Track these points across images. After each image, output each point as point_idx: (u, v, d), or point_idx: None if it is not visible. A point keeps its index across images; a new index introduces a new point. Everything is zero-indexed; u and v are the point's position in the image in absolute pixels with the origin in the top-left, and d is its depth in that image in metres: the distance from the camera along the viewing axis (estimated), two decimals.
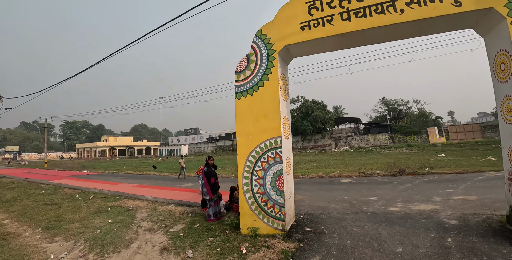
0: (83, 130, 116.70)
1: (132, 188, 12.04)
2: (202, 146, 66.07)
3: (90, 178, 18.41)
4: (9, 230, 6.58)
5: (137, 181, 15.32)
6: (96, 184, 14.13)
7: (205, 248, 4.64)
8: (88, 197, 10.27)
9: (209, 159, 6.65)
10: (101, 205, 8.71)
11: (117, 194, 10.66)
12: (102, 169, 26.85)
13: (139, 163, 36.97)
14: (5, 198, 10.80)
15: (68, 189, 12.74)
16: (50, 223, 6.95)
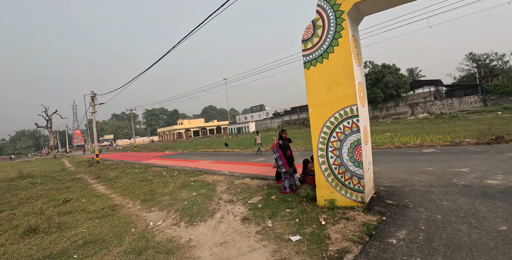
0: (161, 115, 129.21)
1: (209, 164, 13.00)
2: (269, 121, 67.08)
3: (172, 157, 20.50)
4: (116, 202, 7.79)
5: (212, 157, 16.48)
6: (178, 162, 15.68)
7: (284, 218, 4.75)
8: (173, 173, 11.45)
9: (282, 133, 6.63)
10: (185, 180, 9.64)
11: (197, 170, 11.64)
12: (181, 149, 29.63)
13: (212, 141, 39.63)
14: (109, 177, 12.78)
15: (156, 167, 14.43)
16: (146, 196, 7.98)
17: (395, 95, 38.48)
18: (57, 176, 15.85)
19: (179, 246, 4.24)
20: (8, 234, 5.85)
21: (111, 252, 4.32)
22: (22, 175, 17.19)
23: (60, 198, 8.85)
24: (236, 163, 12.67)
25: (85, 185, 11.49)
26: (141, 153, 31.25)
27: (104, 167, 17.84)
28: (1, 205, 8.96)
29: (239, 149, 20.09)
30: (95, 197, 8.64)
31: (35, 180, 14.26)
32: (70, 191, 10.25)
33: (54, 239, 5.27)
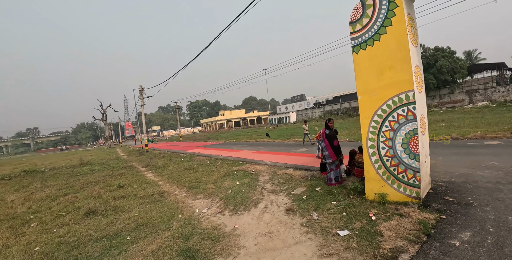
0: (204, 107, 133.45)
1: (251, 154, 13.09)
2: (309, 111, 65.75)
3: (215, 147, 21.06)
4: (164, 189, 8.18)
5: (254, 147, 16.59)
6: (221, 152, 16.04)
7: (330, 211, 4.55)
8: (216, 162, 11.73)
9: (329, 122, 6.33)
10: (228, 169, 9.80)
11: (239, 159, 11.78)
12: (223, 139, 30.34)
13: (253, 132, 39.98)
14: (157, 165, 13.52)
15: (200, 156, 14.93)
16: (192, 184, 8.26)
17: (449, 81, 34.93)
18: (112, 163, 17.22)
19: (224, 234, 4.28)
20: (71, 215, 6.45)
21: (160, 236, 4.52)
22: (82, 162, 19.00)
23: (115, 183, 9.56)
24: (278, 153, 12.57)
25: (136, 172, 12.30)
26: (186, 143, 32.67)
27: (152, 156, 18.95)
28: (66, 189, 9.95)
29: (281, 139, 19.95)
30: (145, 184, 9.17)
31: (93, 167, 15.65)
32: (123, 177, 11.03)
33: (110, 221, 5.68)
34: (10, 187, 12.21)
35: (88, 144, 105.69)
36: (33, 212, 7.27)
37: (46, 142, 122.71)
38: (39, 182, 12.59)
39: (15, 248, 4.79)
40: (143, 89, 24.65)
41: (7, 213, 7.49)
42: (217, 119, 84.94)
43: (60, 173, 15.25)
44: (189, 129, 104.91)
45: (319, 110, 62.45)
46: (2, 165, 33.75)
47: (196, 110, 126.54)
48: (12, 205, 8.48)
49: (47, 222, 6.21)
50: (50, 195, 9.18)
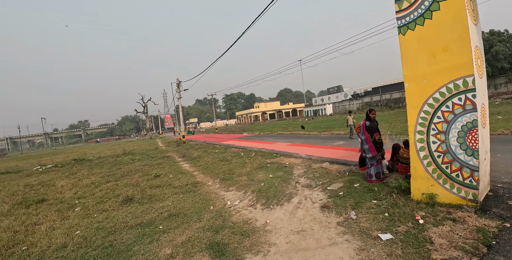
0: (239, 99, 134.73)
1: (285, 147, 12.80)
2: (347, 103, 63.29)
3: (249, 139, 21.06)
4: (198, 179, 8.25)
5: (289, 140, 16.25)
6: (255, 144, 15.94)
7: (370, 211, 4.15)
8: (250, 154, 11.63)
9: (370, 113, 5.78)
10: (261, 161, 9.63)
11: (273, 152, 11.56)
12: (258, 131, 30.33)
13: (288, 124, 39.48)
14: (193, 156, 13.79)
15: (234, 148, 14.95)
16: (225, 175, 8.22)
17: (507, 69, 31.01)
18: (151, 153, 17.97)
19: (255, 229, 4.11)
20: (111, 202, 6.73)
21: (191, 227, 4.48)
22: (125, 152, 20.12)
23: (152, 173, 9.88)
24: (314, 146, 12.13)
25: (172, 162, 12.65)
26: (221, 135, 33.22)
27: (189, 147, 19.46)
28: (109, 176, 10.51)
29: (316, 132, 19.35)
30: (180, 174, 9.35)
31: (134, 157, 16.46)
32: (160, 167, 11.39)
33: (145, 209, 5.80)
34: (62, 174, 13.25)
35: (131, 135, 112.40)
36: (78, 197, 7.73)
37: (95, 133, 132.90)
38: (86, 169, 13.50)
39: (59, 231, 5.07)
40: (180, 83, 25.28)
41: (56, 197, 8.06)
42: (252, 112, 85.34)
43: (105, 161, 16.26)
44: (225, 121, 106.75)
45: (357, 102, 59.79)
46: (57, 153, 37.11)
47: (232, 102, 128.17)
48: (61, 190, 9.13)
49: (89, 207, 6.54)
50: (94, 182, 9.75)
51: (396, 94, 48.35)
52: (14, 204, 7.79)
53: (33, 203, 7.63)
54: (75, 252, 4.11)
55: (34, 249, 4.43)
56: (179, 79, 25.25)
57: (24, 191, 9.72)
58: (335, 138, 14.57)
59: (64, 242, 4.48)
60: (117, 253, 3.88)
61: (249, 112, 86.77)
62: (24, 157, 39.80)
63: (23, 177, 13.91)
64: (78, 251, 4.11)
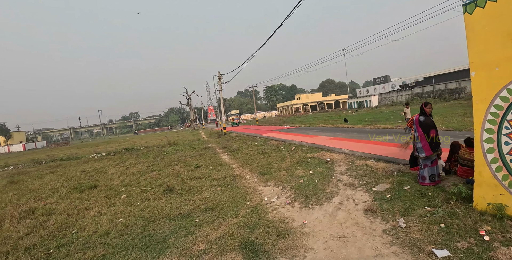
0: (280, 91, 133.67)
1: (327, 141, 12.27)
2: (395, 94, 59.30)
3: (290, 131, 20.70)
4: (236, 172, 8.22)
5: (331, 133, 15.61)
6: (296, 137, 15.57)
7: (422, 219, 3.66)
8: (290, 148, 11.35)
9: (425, 106, 5.11)
10: (301, 156, 9.31)
11: (314, 146, 11.14)
12: (298, 123, 29.75)
13: (330, 116, 38.21)
14: (233, 148, 13.89)
15: (274, 141, 14.76)
16: (263, 169, 8.07)
17: None
18: (194, 144, 18.55)
19: (291, 230, 3.89)
20: (153, 191, 6.98)
21: (226, 222, 4.41)
22: (169, 142, 21.06)
23: (193, 164, 10.11)
24: (358, 140, 11.43)
25: (213, 153, 12.87)
26: (262, 126, 33.23)
27: (229, 139, 19.73)
28: (153, 166, 11.01)
29: (361, 125, 18.33)
30: (220, 166, 9.42)
31: (177, 147, 17.12)
32: (201, 158, 11.64)
33: (184, 200, 5.89)
34: (113, 162, 14.25)
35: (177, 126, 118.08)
36: (125, 185, 8.18)
37: (144, 124, 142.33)
38: (134, 158, 14.35)
39: (105, 217, 5.36)
40: (221, 75, 25.60)
41: (106, 184, 8.62)
42: (293, 103, 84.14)
43: (151, 151, 17.16)
44: (265, 113, 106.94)
45: (406, 93, 55.66)
46: (111, 142, 40.31)
47: (273, 94, 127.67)
48: (111, 177, 9.77)
49: (134, 195, 6.85)
50: (140, 170, 10.27)
51: (452, 84, 43.95)
52: (71, 189, 8.50)
53: (86, 188, 8.25)
54: (116, 239, 4.28)
55: (82, 233, 4.73)
56: (220, 72, 25.58)
57: (80, 177, 10.59)
58: (382, 132, 13.61)
59: (108, 228, 4.71)
60: (154, 244, 3.94)
61: (290, 104, 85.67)
62: (84, 145, 43.99)
63: (81, 164, 15.25)
64: (119, 239, 4.27)
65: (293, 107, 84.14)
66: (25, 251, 4.21)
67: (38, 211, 6.38)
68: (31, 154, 34.85)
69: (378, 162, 7.08)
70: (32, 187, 9.81)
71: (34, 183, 10.62)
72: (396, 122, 17.24)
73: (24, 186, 10.11)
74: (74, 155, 22.31)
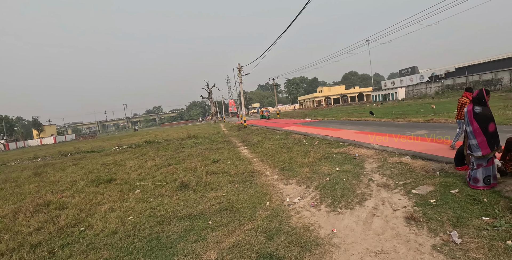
0: (301, 84, 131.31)
1: (353, 135, 11.44)
2: (423, 86, 56.33)
3: (312, 124, 19.89)
4: (255, 168, 7.70)
5: (356, 127, 14.68)
6: (319, 130, 14.80)
7: (481, 233, 2.93)
8: (313, 142, 10.66)
9: (487, 94, 4.24)
10: (326, 151, 8.63)
11: (339, 140, 10.38)
12: (321, 116, 28.74)
13: (354, 109, 36.75)
14: (253, 141, 13.36)
15: (296, 134, 14.06)
16: (285, 165, 7.49)
17: None
18: (213, 137, 18.24)
19: (318, 240, 3.30)
20: (167, 186, 6.63)
21: (242, 226, 3.92)
22: (189, 135, 20.94)
23: (211, 157, 9.72)
24: (387, 134, 10.51)
25: (232, 147, 12.43)
26: (283, 120, 32.49)
27: (250, 132, 19.25)
28: (171, 159, 10.74)
29: (388, 118, 17.20)
30: (238, 160, 8.94)
31: (197, 141, 16.89)
32: (219, 152, 11.23)
33: (198, 198, 5.47)
34: (133, 154, 14.22)
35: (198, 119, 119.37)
36: (141, 179, 7.92)
37: (167, 118, 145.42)
38: (153, 151, 14.25)
39: (115, 214, 5.06)
40: (241, 67, 25.07)
41: (122, 178, 8.42)
42: (315, 96, 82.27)
43: (170, 144, 17.05)
44: (287, 106, 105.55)
45: (436, 85, 52.63)
46: (134, 135, 41.26)
47: (294, 87, 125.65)
48: (128, 170, 9.59)
49: (148, 190, 6.54)
50: (157, 164, 10.03)
51: (487, 75, 40.86)
52: (88, 182, 8.40)
53: (103, 182, 8.09)
54: (122, 240, 3.94)
55: (89, 231, 4.46)
56: (240, 64, 25.04)
57: (99, 170, 10.53)
58: (413, 126, 12.55)
59: (115, 228, 4.39)
60: (160, 249, 3.53)
61: (312, 97, 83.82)
62: (109, 138, 45.34)
63: (103, 156, 15.38)
64: (125, 240, 3.93)
65: (315, 100, 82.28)
66: (30, 249, 3.98)
67: (52, 204, 6.24)
68: (60, 146, 36.30)
69: (415, 159, 6.25)
70: (53, 179, 9.86)
71: (56, 175, 10.70)
72: (427, 116, 16.00)
73: (46, 178, 10.19)
74: (98, 147, 22.77)
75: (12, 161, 20.57)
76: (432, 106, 21.00)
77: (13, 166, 16.70)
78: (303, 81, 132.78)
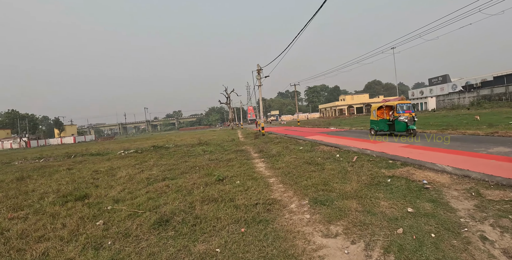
0: (322, 92, 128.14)
1: (400, 149, 8.86)
2: (456, 96, 52.12)
3: (340, 134, 17.33)
4: (274, 194, 5.37)
5: (399, 139, 12.01)
6: (352, 142, 12.27)
7: None
8: (350, 157, 8.24)
9: None
10: (373, 172, 6.19)
11: (386, 156, 7.90)
12: (347, 125, 25.97)
13: None
14: (271, 152, 11.02)
15: (324, 146, 11.57)
16: (318, 192, 5.14)
17: None
18: (226, 145, 16.05)
19: None
20: (143, 218, 4.49)
21: None
22: (200, 142, 18.92)
23: (216, 172, 7.52)
24: (451, 151, 7.89)
25: (245, 158, 10.16)
26: (304, 128, 29.97)
27: (268, 140, 16.94)
28: (169, 171, 8.71)
29: (434, 130, 14.39)
30: (251, 180, 6.65)
31: (207, 148, 14.75)
32: (229, 165, 8.96)
33: (174, 253, 3.26)
34: (134, 161, 12.37)
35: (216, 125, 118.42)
36: (118, 200, 5.90)
37: (186, 122, 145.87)
38: (156, 158, 12.30)
39: None
40: (261, 69, 23.01)
41: (99, 194, 6.50)
42: (337, 105, 78.96)
43: (178, 151, 15.06)
44: (307, 114, 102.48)
45: (471, 95, 48.37)
46: (149, 138, 39.88)
47: (314, 95, 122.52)
48: (114, 183, 7.66)
49: (114, 222, 4.49)
50: (151, 177, 8.01)
51: None
52: (58, 197, 6.64)
53: (73, 199, 6.24)
54: None
55: None
56: (259, 65, 22.98)
57: (84, 179, 8.70)
58: (477, 140, 9.76)
59: None
60: None
61: (334, 105, 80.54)
62: (124, 140, 44.48)
63: (103, 161, 13.66)
64: None
65: (336, 109, 78.97)
66: None
67: None
68: (75, 146, 35.59)
69: None
70: (31, 187, 8.32)
71: (36, 182, 9.13)
72: (480, 128, 13.14)
73: (24, 186, 8.64)
74: (106, 150, 21.36)
75: (20, 159, 19.52)
76: (476, 117, 19.36)
77: (13, 166, 15.39)
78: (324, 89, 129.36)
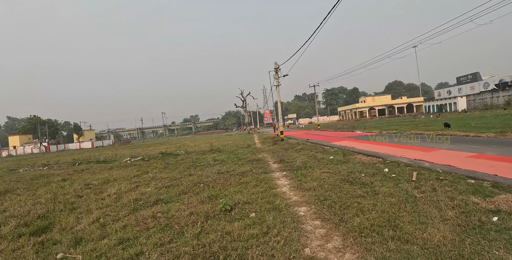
0: (340, 95, 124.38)
1: (473, 161, 6.60)
2: (488, 96, 48.08)
3: (369, 139, 15.04)
4: (311, 245, 3.31)
5: (453, 146, 9.66)
6: (394, 149, 10.00)
7: None
8: (405, 173, 6.09)
9: None
10: (459, 200, 4.03)
11: (458, 172, 5.70)
12: (375, 129, 23.44)
13: (409, 121, 30.85)
14: (295, 164, 8.84)
15: (361, 155, 9.26)
16: (385, 244, 3.04)
17: None
18: (241, 153, 14.06)
19: None
20: None
21: None
22: (212, 148, 17.12)
23: (223, 196, 5.61)
24: None
25: (263, 172, 8.14)
26: (325, 132, 27.64)
27: (288, 146, 14.84)
28: (168, 188, 6.99)
29: (492, 133, 11.87)
30: (273, 210, 4.57)
31: (219, 156, 12.86)
32: (241, 182, 6.92)
33: None
34: (136, 171, 10.82)
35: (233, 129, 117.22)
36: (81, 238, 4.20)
37: (203, 126, 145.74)
38: (158, 170, 10.57)
39: None
40: (278, 67, 21.05)
41: (65, 226, 4.89)
42: (357, 107, 75.65)
43: (186, 159, 13.28)
44: (325, 117, 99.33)
45: (506, 93, 44.35)
46: (164, 143, 38.55)
47: (332, 98, 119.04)
48: (93, 206, 5.95)
49: None
50: (142, 197, 6.25)
51: None
52: (18, 225, 5.09)
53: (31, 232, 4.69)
54: None
55: None
56: (277, 63, 21.05)
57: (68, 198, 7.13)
58: None
59: None
60: None
61: (354, 107, 77.25)
62: (138, 146, 43.52)
63: (103, 170, 12.19)
64: None
65: (357, 111, 75.67)
66: None
67: None
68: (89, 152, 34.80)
69: None
70: (4, 206, 6.90)
71: (15, 199, 7.80)
72: None
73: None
74: (114, 156, 20.02)
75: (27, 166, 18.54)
76: None
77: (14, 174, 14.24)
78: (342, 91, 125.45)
